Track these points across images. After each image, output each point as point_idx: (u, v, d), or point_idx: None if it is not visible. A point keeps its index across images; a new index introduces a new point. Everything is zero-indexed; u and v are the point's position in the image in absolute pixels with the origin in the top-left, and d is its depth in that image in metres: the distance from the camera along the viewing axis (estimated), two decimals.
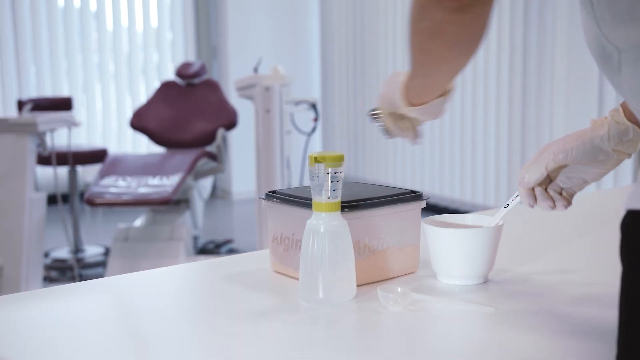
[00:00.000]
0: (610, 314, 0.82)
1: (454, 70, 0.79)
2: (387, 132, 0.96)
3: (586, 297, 0.90)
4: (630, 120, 0.84)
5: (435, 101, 0.86)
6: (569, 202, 0.91)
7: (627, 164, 3.57)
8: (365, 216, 0.94)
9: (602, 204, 1.54)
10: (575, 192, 0.91)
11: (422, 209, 1.02)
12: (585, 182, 0.90)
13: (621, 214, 0.64)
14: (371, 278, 0.96)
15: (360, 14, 5.54)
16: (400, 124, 0.93)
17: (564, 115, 3.91)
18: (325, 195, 0.86)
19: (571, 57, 3.77)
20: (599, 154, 0.86)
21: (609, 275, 1.00)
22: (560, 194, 0.91)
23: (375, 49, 5.39)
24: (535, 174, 0.89)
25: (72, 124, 3.34)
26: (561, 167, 0.89)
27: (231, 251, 4.19)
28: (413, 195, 1.00)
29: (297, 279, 0.91)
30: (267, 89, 3.34)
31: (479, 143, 4.52)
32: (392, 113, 0.93)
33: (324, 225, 0.87)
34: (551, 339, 0.77)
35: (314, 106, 3.52)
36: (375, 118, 0.96)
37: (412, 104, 0.87)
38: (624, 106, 0.85)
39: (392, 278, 0.98)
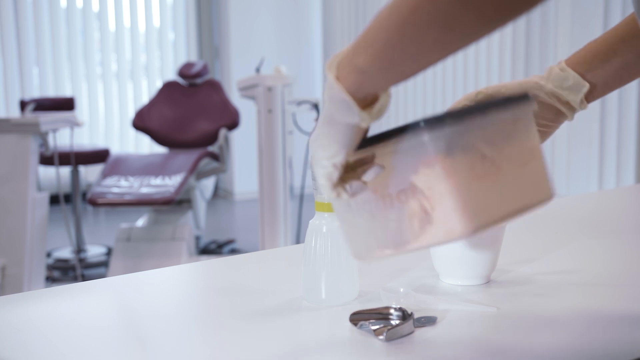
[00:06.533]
0: (613, 314, 0.82)
1: (453, 49, 0.58)
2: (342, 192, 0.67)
3: (589, 298, 0.90)
4: (573, 70, 0.81)
5: (387, 98, 0.63)
6: None
7: (629, 164, 3.57)
8: (477, 125, 0.65)
9: (604, 204, 1.54)
10: None
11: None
12: None
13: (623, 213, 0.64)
14: (504, 207, 0.66)
15: (362, 14, 5.54)
16: (346, 175, 0.66)
17: None
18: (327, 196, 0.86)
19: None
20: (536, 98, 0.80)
21: (612, 276, 1.00)
22: None
23: None
24: (461, 102, 0.82)
25: (74, 124, 3.35)
26: None
27: (233, 251, 4.19)
28: (520, 97, 0.71)
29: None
30: (270, 89, 3.34)
31: None
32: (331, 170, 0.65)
33: (327, 225, 0.87)
34: (554, 339, 0.77)
35: (316, 106, 3.52)
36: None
37: (365, 101, 0.62)
38: (570, 57, 0.82)
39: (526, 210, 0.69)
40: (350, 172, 0.66)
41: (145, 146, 5.71)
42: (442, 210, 0.63)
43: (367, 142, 0.66)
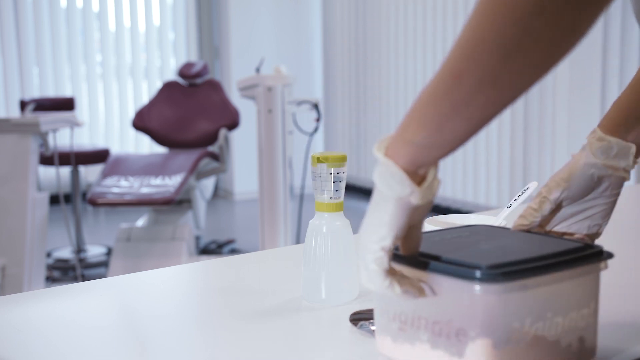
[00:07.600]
0: (613, 314, 0.82)
1: (509, 100, 0.57)
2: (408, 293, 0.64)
3: None
4: (611, 135, 0.78)
5: (435, 175, 0.62)
6: None
7: None
8: (530, 286, 0.62)
9: None
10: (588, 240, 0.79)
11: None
12: (594, 222, 0.79)
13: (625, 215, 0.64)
14: None
15: (362, 14, 5.54)
16: (405, 281, 0.65)
17: (567, 114, 3.91)
18: (327, 196, 0.86)
19: (574, 57, 3.77)
20: (592, 180, 0.77)
21: (612, 276, 1.00)
22: None
23: (378, 49, 5.39)
24: (528, 218, 0.78)
25: (74, 124, 3.35)
26: (557, 210, 0.79)
27: (233, 251, 4.19)
28: (592, 253, 0.67)
29: None
30: (270, 89, 3.34)
31: (481, 143, 4.52)
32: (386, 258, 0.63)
33: (327, 225, 0.87)
34: None
35: (316, 106, 3.52)
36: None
37: (417, 177, 0.61)
38: (603, 122, 0.79)
39: None
40: (405, 278, 0.65)
41: (145, 146, 5.71)
42: None
43: (422, 264, 0.65)
